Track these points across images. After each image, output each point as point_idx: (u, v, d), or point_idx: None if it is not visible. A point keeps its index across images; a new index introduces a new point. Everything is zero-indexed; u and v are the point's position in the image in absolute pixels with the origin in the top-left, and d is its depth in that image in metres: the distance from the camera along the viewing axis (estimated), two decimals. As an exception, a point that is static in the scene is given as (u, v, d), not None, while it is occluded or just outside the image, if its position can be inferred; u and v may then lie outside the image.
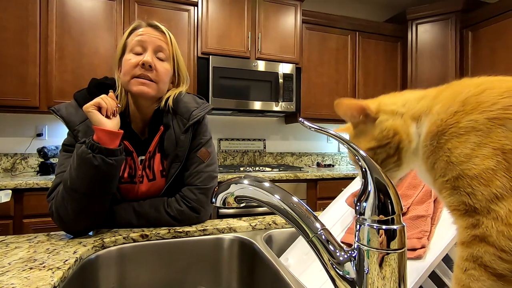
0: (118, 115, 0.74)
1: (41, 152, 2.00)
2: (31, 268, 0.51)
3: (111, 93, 0.75)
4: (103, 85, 0.81)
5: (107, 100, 0.71)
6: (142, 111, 0.82)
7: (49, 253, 0.59)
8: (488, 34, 2.49)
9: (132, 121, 0.82)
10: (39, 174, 2.01)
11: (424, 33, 2.79)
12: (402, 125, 0.39)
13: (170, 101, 0.81)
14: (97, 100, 0.70)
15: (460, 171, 0.32)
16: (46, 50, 1.97)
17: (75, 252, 0.59)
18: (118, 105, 0.74)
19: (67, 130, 0.79)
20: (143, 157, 0.81)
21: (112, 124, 0.70)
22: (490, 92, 0.34)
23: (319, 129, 0.33)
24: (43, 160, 2.05)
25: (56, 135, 2.27)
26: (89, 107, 0.69)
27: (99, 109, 0.70)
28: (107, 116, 0.70)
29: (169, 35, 0.82)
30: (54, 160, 2.11)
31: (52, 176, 1.93)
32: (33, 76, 1.94)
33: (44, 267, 0.52)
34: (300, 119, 0.35)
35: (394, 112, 0.40)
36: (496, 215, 0.29)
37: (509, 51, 2.33)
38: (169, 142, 0.80)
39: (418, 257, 0.47)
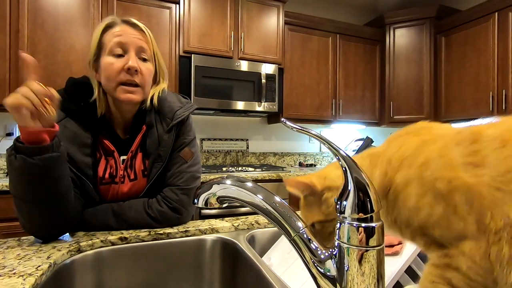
0: (54, 110, 0.58)
1: (11, 152, 1.89)
2: (-1, 276, 0.48)
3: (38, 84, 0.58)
4: (81, 85, 0.77)
5: (30, 95, 0.54)
6: (124, 114, 0.80)
7: (20, 259, 0.55)
8: (459, 40, 2.63)
9: (113, 121, 0.80)
10: (8, 175, 1.90)
11: (401, 37, 2.90)
12: None
13: (155, 100, 0.79)
14: (17, 98, 0.53)
15: (419, 223, 0.34)
16: (17, 45, 1.86)
17: (48, 257, 0.56)
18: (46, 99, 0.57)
19: None
20: (124, 157, 0.79)
21: (38, 124, 0.57)
22: (407, 147, 0.37)
23: (300, 129, 0.34)
24: (13, 161, 1.93)
25: (28, 134, 2.16)
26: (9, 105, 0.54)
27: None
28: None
29: (148, 33, 0.78)
30: (25, 161, 2.00)
31: (24, 178, 1.83)
32: (2, 72, 1.83)
33: (14, 274, 0.49)
34: (283, 119, 0.36)
35: (338, 188, 0.41)
36: (463, 251, 0.31)
37: (478, 56, 2.47)
38: (151, 141, 0.79)
39: (395, 253, 0.48)
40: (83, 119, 0.75)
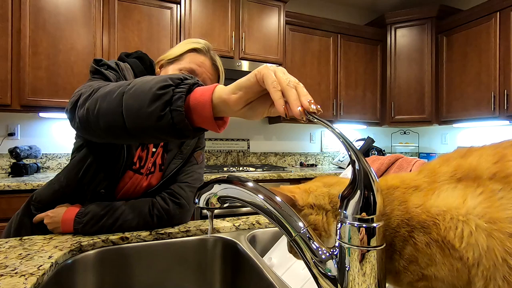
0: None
1: (13, 152, 1.90)
2: (1, 275, 0.49)
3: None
4: (152, 66, 0.84)
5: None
6: None
7: (22, 258, 0.56)
8: (461, 39, 2.62)
9: None
10: (10, 175, 1.91)
11: (402, 37, 2.89)
12: (324, 222, 0.38)
13: None
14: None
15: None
16: (19, 45, 1.87)
17: (50, 257, 0.57)
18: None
19: (41, 131, 0.78)
20: (154, 149, 0.83)
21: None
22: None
23: (320, 120, 0.34)
24: (15, 160, 1.94)
25: (29, 134, 2.17)
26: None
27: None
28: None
29: (222, 76, 0.86)
30: (27, 161, 2.00)
31: (25, 178, 1.83)
32: (4, 72, 1.84)
33: (16, 273, 0.49)
34: (299, 107, 0.35)
35: (319, 207, 0.40)
36: None
37: (480, 56, 2.46)
38: (173, 141, 0.84)
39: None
40: None
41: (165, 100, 0.45)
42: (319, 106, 0.38)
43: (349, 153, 0.33)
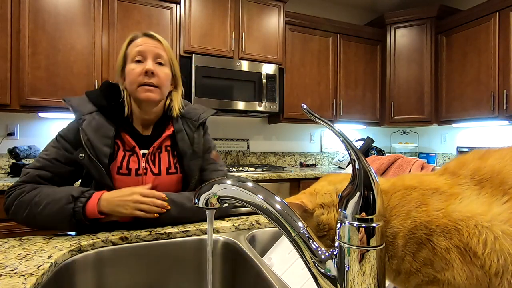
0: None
1: (13, 152, 1.90)
2: (1, 275, 0.49)
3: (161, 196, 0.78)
4: (115, 88, 0.89)
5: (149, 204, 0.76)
6: (145, 112, 0.88)
7: (21, 258, 0.56)
8: (460, 39, 2.62)
9: (133, 120, 0.89)
10: (10, 175, 1.91)
11: (402, 37, 2.89)
12: (337, 220, 0.38)
13: (178, 110, 0.91)
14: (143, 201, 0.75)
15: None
16: (18, 45, 1.87)
17: (49, 257, 0.57)
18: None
19: (41, 130, 0.80)
20: (145, 151, 0.86)
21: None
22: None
23: (320, 119, 0.34)
24: (14, 160, 1.94)
25: (29, 134, 2.16)
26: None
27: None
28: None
29: (164, 42, 0.90)
30: (26, 161, 2.00)
31: (25, 178, 1.83)
32: (3, 72, 1.84)
33: (15, 273, 0.49)
34: (303, 105, 0.36)
35: (329, 204, 0.39)
36: None
37: (479, 56, 2.47)
38: (183, 143, 0.89)
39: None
40: (110, 115, 0.84)
41: (69, 216, 0.71)
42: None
43: (349, 152, 0.33)
